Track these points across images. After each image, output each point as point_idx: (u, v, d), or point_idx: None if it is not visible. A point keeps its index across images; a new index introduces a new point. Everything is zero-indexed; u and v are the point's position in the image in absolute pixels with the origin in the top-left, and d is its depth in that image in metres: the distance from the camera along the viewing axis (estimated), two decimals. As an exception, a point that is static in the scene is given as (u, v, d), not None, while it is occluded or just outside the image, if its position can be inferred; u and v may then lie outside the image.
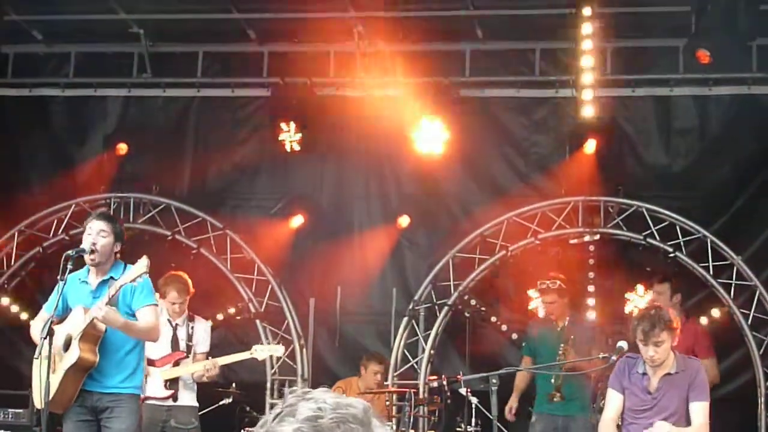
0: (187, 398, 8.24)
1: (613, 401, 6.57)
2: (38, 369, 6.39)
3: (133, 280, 6.27)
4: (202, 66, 10.86)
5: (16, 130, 11.13)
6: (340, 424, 1.69)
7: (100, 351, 6.44)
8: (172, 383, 8.14)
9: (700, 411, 6.35)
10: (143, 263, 6.28)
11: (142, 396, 7.60)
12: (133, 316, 6.47)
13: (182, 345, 8.29)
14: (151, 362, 8.12)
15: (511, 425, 9.13)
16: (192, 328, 8.40)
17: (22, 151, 11.15)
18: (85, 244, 6.52)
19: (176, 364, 8.20)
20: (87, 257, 6.51)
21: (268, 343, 9.98)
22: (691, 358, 6.80)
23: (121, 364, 6.51)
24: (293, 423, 1.70)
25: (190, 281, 8.36)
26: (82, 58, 11.03)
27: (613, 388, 6.60)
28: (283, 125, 10.26)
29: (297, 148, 10.28)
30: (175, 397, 8.14)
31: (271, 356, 10.13)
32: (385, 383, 9.77)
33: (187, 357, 8.28)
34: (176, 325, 8.33)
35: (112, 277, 6.46)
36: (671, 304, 8.67)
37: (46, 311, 6.64)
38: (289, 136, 10.28)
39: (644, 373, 6.45)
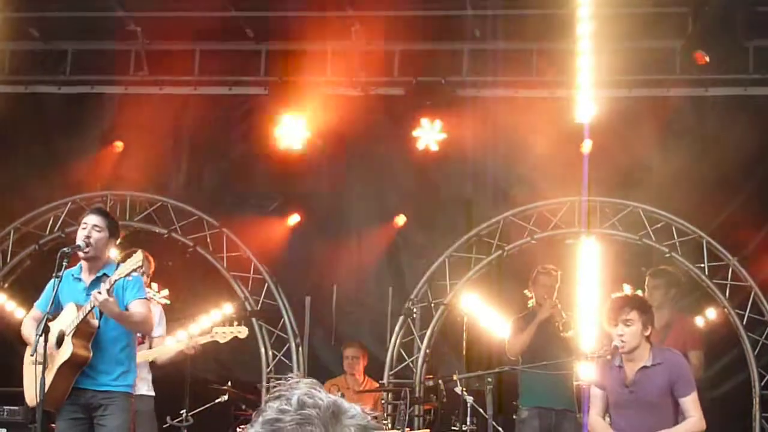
0: (144, 388, 7.98)
1: (596, 399, 6.51)
2: (31, 367, 6.38)
3: (128, 275, 6.27)
4: (200, 64, 10.84)
5: (12, 128, 11.11)
6: (299, 427, 1.67)
7: (93, 348, 6.43)
8: None
9: (691, 405, 6.29)
10: (138, 257, 6.28)
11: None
12: (126, 310, 6.47)
13: None
14: None
15: (506, 425, 9.12)
16: None
17: (18, 149, 11.12)
18: (79, 239, 6.53)
19: None
20: (80, 251, 6.51)
21: (264, 342, 10.00)
22: (670, 349, 6.69)
23: (114, 361, 6.51)
24: (256, 426, 1.70)
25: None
26: (78, 55, 11.00)
27: (594, 386, 6.56)
28: (282, 122, 10.27)
29: (297, 146, 10.30)
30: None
31: (266, 355, 10.16)
32: (380, 382, 9.79)
33: (143, 342, 8.02)
34: None
35: (105, 275, 6.46)
36: (667, 299, 8.65)
37: (38, 309, 6.64)
38: (288, 135, 10.29)
39: (620, 366, 6.37)
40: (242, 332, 8.38)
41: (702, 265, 9.47)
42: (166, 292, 9.78)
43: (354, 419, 1.72)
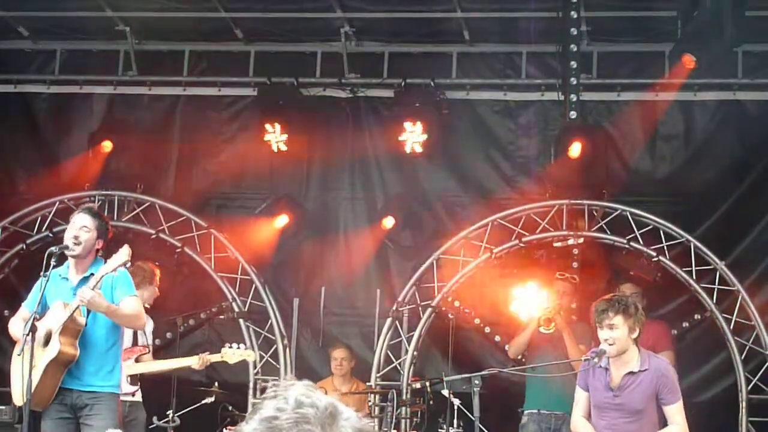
0: (139, 394, 8.15)
1: (580, 399, 6.51)
2: (18, 366, 6.36)
3: (114, 270, 6.24)
4: (189, 64, 10.84)
5: (0, 127, 11.09)
6: (295, 425, 1.68)
7: (80, 346, 6.41)
8: (136, 378, 8.02)
9: (676, 412, 6.28)
10: (125, 252, 6.26)
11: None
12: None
13: (141, 339, 8.21)
14: None
15: (495, 427, 9.12)
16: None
17: (6, 148, 11.10)
18: (67, 238, 6.51)
19: (137, 360, 8.09)
20: (67, 251, 6.50)
21: (251, 343, 9.97)
22: (657, 356, 6.68)
23: (100, 361, 6.49)
24: (253, 423, 1.71)
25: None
26: (68, 55, 11.00)
27: (579, 386, 6.52)
28: (268, 125, 10.26)
29: (283, 148, 10.28)
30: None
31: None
32: (367, 384, 9.79)
33: (149, 352, 8.18)
34: None
35: (92, 274, 6.44)
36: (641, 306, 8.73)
37: (26, 308, 6.62)
38: (275, 136, 10.27)
39: (606, 368, 6.33)
40: (250, 356, 8.73)
41: (689, 269, 9.47)
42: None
43: (349, 421, 1.73)
